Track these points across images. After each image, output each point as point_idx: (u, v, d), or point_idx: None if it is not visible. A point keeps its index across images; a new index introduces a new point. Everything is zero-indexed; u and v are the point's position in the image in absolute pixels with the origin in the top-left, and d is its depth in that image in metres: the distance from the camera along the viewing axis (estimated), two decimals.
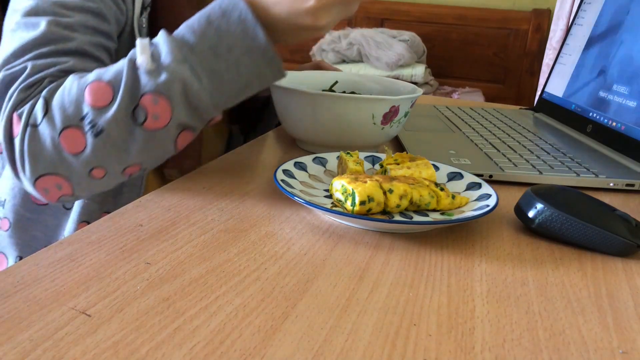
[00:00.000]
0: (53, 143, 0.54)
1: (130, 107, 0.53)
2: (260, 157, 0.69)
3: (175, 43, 0.53)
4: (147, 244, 0.43)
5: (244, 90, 0.56)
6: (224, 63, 0.54)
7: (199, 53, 0.53)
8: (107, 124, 0.53)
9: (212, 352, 0.31)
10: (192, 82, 0.53)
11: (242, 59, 0.54)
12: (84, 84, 0.54)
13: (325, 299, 0.37)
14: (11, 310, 0.34)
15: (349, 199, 0.49)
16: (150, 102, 0.53)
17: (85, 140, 0.54)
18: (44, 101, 0.55)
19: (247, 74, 0.55)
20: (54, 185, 0.57)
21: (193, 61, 0.53)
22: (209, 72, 0.54)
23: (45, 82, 0.56)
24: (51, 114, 0.54)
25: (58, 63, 0.58)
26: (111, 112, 0.53)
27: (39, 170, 0.56)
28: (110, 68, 0.55)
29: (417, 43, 2.75)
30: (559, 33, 2.46)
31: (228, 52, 0.53)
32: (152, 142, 0.55)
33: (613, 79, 0.84)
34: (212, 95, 0.55)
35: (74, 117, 0.54)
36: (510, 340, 0.34)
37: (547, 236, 0.49)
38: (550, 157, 0.72)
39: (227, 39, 0.53)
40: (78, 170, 0.56)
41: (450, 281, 0.41)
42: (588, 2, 1.01)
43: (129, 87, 0.53)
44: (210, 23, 0.53)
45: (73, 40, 0.59)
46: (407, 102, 0.67)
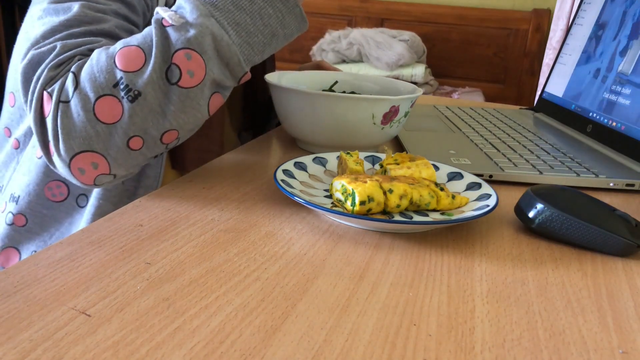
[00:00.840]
0: (87, 116, 0.52)
1: (164, 67, 0.53)
2: (260, 157, 0.69)
3: (197, 0, 0.53)
4: (147, 244, 0.43)
5: (270, 41, 0.57)
6: (248, 14, 0.54)
7: (222, 8, 0.54)
8: (143, 87, 0.52)
9: (212, 352, 0.31)
10: (222, 35, 0.53)
11: (265, 8, 0.55)
12: (113, 51, 0.53)
13: (325, 299, 0.37)
14: (11, 310, 0.34)
15: (349, 199, 0.49)
16: (183, 58, 0.53)
17: (121, 106, 0.52)
18: (73, 76, 0.53)
19: (271, 24, 0.56)
20: (89, 163, 0.55)
21: (218, 16, 0.53)
22: (235, 25, 0.54)
23: (75, 59, 0.55)
24: (82, 86, 0.53)
25: (89, 42, 0.57)
26: (147, 74, 0.52)
27: (75, 148, 0.53)
28: (135, 35, 0.55)
29: (417, 43, 2.75)
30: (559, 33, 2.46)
31: (250, 4, 0.54)
32: (188, 102, 0.54)
33: (613, 79, 0.84)
34: (241, 47, 0.55)
35: (107, 84, 0.52)
36: (510, 340, 0.34)
37: (547, 236, 0.49)
38: (550, 157, 0.72)
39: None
40: (115, 143, 0.54)
41: (450, 281, 0.41)
42: (588, 2, 1.01)
43: (160, 46, 0.52)
44: None
45: (105, 22, 0.59)
46: (407, 102, 0.67)
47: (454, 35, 2.98)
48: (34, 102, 0.54)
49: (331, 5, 3.10)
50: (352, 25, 3.00)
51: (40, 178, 0.70)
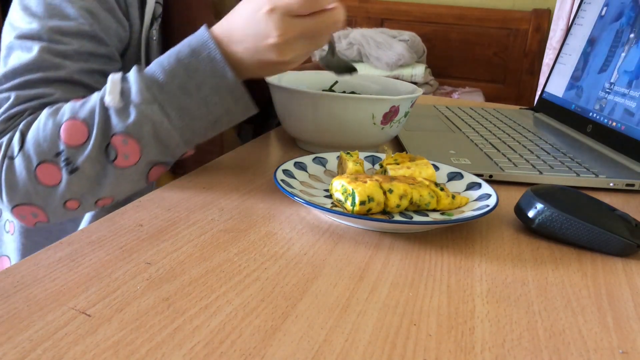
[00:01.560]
0: (29, 176, 0.56)
1: (103, 144, 0.55)
2: (260, 157, 0.69)
3: (144, 82, 0.54)
4: (147, 244, 0.43)
5: (213, 126, 0.58)
6: (193, 100, 0.55)
7: (168, 92, 0.55)
8: (82, 163, 0.56)
9: (212, 352, 0.31)
10: (162, 121, 0.55)
11: (211, 96, 0.55)
12: (60, 121, 0.56)
13: (325, 299, 0.37)
14: (11, 310, 0.34)
15: (349, 199, 0.49)
16: (120, 142, 0.55)
17: (60, 174, 0.56)
18: (20, 134, 0.57)
19: (216, 111, 0.56)
20: (30, 213, 0.59)
21: (162, 99, 0.55)
22: (179, 109, 0.55)
23: (25, 114, 0.58)
24: (26, 148, 0.56)
25: (42, 95, 0.59)
26: (86, 152, 0.55)
27: (16, 200, 0.58)
28: (85, 104, 0.56)
29: (417, 43, 2.75)
30: (559, 33, 2.46)
31: (197, 90, 0.55)
32: (123, 178, 0.57)
33: (613, 79, 0.84)
34: (182, 132, 0.56)
35: (49, 152, 0.56)
36: (510, 340, 0.34)
37: (547, 236, 0.49)
38: (550, 157, 0.72)
39: (196, 77, 0.54)
40: (53, 202, 0.58)
41: (450, 281, 0.41)
42: (588, 2, 1.01)
43: (101, 126, 0.55)
44: (179, 61, 0.55)
45: (63, 68, 0.60)
46: (407, 102, 0.67)
47: (454, 35, 2.98)
48: None
49: None
50: (352, 25, 3.00)
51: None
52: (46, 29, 0.60)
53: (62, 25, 0.60)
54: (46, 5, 0.61)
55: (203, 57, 0.54)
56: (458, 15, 2.95)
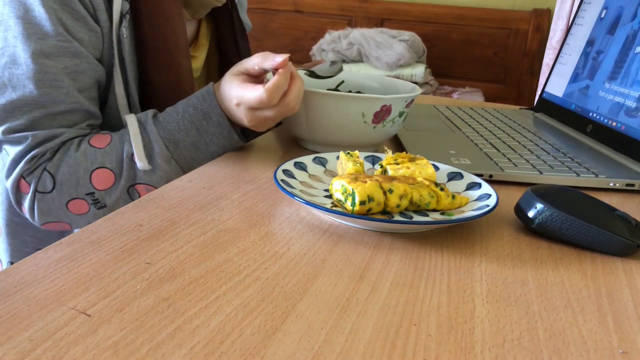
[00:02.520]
0: (61, 208, 0.66)
1: (126, 188, 0.66)
2: (260, 156, 0.69)
3: (164, 141, 0.65)
4: (147, 244, 0.43)
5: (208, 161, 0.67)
6: (203, 155, 0.67)
7: (183, 149, 0.66)
8: (111, 202, 0.66)
9: (212, 352, 0.31)
10: (178, 175, 0.65)
11: (217, 152, 0.67)
12: (90, 168, 0.65)
13: (325, 299, 0.37)
14: (11, 310, 0.33)
15: (349, 199, 0.49)
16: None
17: (88, 207, 0.66)
18: (51, 176, 0.65)
19: (216, 155, 0.68)
20: (58, 227, 0.69)
21: (178, 156, 0.66)
22: (191, 161, 0.67)
23: (47, 154, 0.65)
24: (60, 185, 0.65)
25: (55, 135, 0.65)
26: (113, 194, 0.66)
27: (47, 220, 0.67)
28: (110, 154, 0.65)
29: (417, 43, 2.75)
30: (559, 33, 2.46)
31: (206, 147, 0.67)
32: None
33: (613, 79, 0.84)
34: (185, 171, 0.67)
35: (81, 192, 0.65)
36: (510, 340, 0.34)
37: (547, 236, 0.49)
38: (550, 157, 0.72)
39: (206, 136, 0.66)
40: (80, 222, 0.68)
41: (450, 281, 0.41)
42: (588, 2, 1.01)
43: (128, 177, 0.65)
44: (192, 123, 0.65)
45: (61, 103, 0.64)
46: (399, 101, 0.66)
47: (454, 35, 2.98)
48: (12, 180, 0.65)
49: (331, 5, 3.10)
50: (352, 25, 2.99)
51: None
52: (30, 54, 0.62)
53: (43, 48, 0.62)
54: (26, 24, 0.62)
55: (213, 121, 0.65)
56: (458, 15, 2.95)
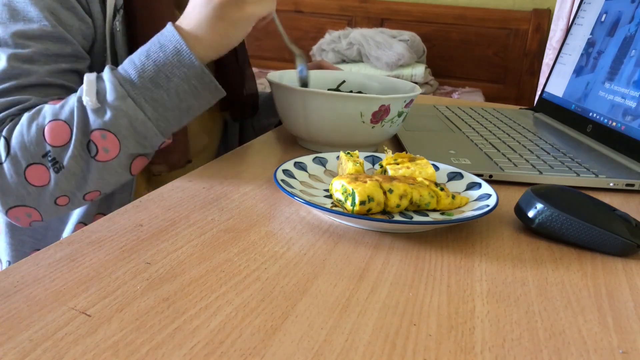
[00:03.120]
0: (19, 179, 0.59)
1: (84, 141, 0.58)
2: (260, 156, 0.69)
3: (118, 79, 0.58)
4: (147, 244, 0.43)
5: (186, 113, 0.61)
6: (165, 91, 0.59)
7: (140, 86, 0.58)
8: (67, 161, 0.58)
9: (212, 352, 0.31)
10: (137, 114, 0.58)
11: (181, 85, 0.59)
12: (42, 124, 0.58)
13: (325, 299, 0.37)
14: (11, 310, 0.34)
15: (349, 199, 0.49)
16: (99, 138, 0.58)
17: (48, 174, 0.59)
18: (5, 140, 0.59)
19: (187, 99, 0.60)
20: (24, 214, 0.62)
21: (135, 94, 0.58)
22: (152, 101, 0.59)
23: (6, 121, 0.60)
24: (13, 152, 0.58)
25: (19, 102, 0.61)
26: (69, 150, 0.58)
27: (9, 203, 0.61)
28: (65, 105, 0.59)
29: (417, 43, 2.75)
30: (559, 33, 2.46)
31: (167, 81, 0.59)
32: (106, 172, 0.60)
33: (613, 79, 0.84)
34: (157, 122, 0.60)
35: (37, 154, 0.58)
36: (510, 340, 0.34)
37: (547, 236, 0.49)
38: (550, 157, 0.72)
39: (164, 69, 0.58)
40: (44, 201, 0.61)
41: (450, 281, 0.41)
42: (588, 2, 1.01)
43: (80, 125, 0.58)
44: (149, 57, 0.59)
45: (33, 74, 0.62)
46: (398, 101, 0.66)
47: (454, 35, 2.98)
48: None
49: (331, 5, 3.10)
50: (352, 25, 3.00)
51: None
52: (10, 35, 0.61)
53: (26, 29, 0.62)
54: (10, 9, 0.62)
55: (170, 50, 0.58)
56: (458, 15, 2.95)
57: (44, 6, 0.62)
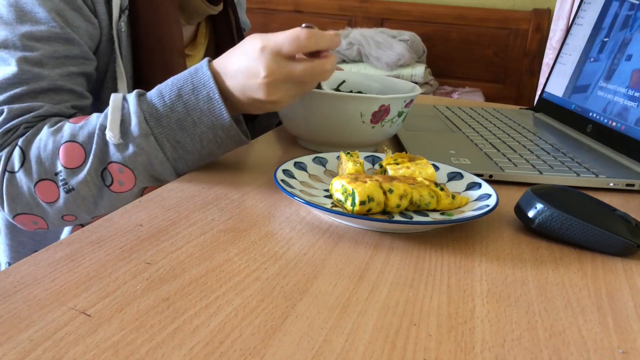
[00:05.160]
0: (29, 191, 0.59)
1: (99, 170, 0.58)
2: (260, 156, 0.69)
3: (144, 114, 0.56)
4: (147, 244, 0.43)
5: (205, 158, 0.61)
6: (189, 136, 0.57)
7: (166, 126, 0.57)
8: (78, 185, 0.58)
9: (212, 352, 0.31)
10: (157, 153, 0.57)
11: (206, 133, 0.58)
12: (59, 142, 0.58)
13: (325, 299, 0.37)
14: (11, 310, 0.33)
15: (349, 199, 0.49)
16: (116, 171, 0.58)
17: (58, 192, 0.59)
18: (21, 151, 0.59)
19: (209, 146, 0.59)
20: (30, 222, 0.62)
21: (159, 133, 0.57)
22: (174, 143, 0.57)
23: (21, 128, 0.60)
24: (28, 164, 0.59)
25: (32, 109, 0.60)
26: (82, 175, 0.58)
27: (17, 210, 0.61)
28: (84, 127, 0.58)
29: (417, 43, 2.75)
30: (559, 33, 2.46)
31: (193, 126, 0.57)
32: (118, 200, 0.60)
33: (613, 79, 0.84)
34: (175, 163, 0.59)
35: (49, 171, 0.59)
36: (510, 340, 0.34)
37: (547, 236, 0.49)
38: (550, 157, 0.72)
39: (193, 114, 0.57)
40: (52, 215, 0.61)
41: (450, 281, 0.41)
42: (588, 2, 1.01)
43: (98, 154, 0.57)
44: (180, 97, 0.57)
45: (43, 78, 0.61)
46: (398, 102, 0.66)
47: (454, 35, 2.98)
48: None
49: (331, 5, 3.10)
50: (352, 25, 2.99)
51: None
52: (19, 36, 0.61)
53: (34, 31, 0.61)
54: (17, 10, 0.61)
55: (202, 95, 0.56)
56: (458, 15, 2.95)
57: (51, 7, 0.62)
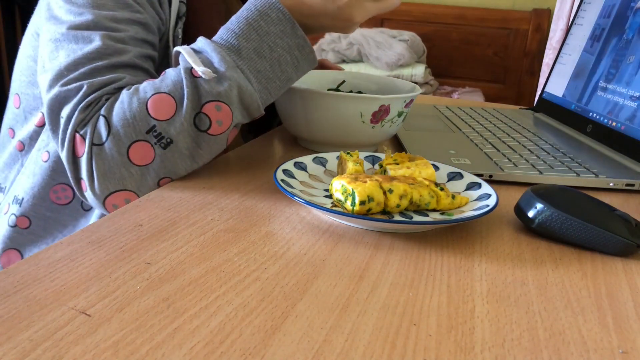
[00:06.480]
0: (122, 159, 0.56)
1: (192, 115, 0.56)
2: (260, 156, 0.69)
3: (224, 50, 0.56)
4: (147, 244, 0.43)
5: (285, 84, 0.61)
6: (268, 62, 0.58)
7: (246, 57, 0.57)
8: (175, 135, 0.56)
9: (212, 352, 0.31)
10: (246, 85, 0.57)
11: (283, 56, 0.58)
12: (145, 97, 0.56)
13: (325, 299, 0.37)
14: (11, 310, 0.34)
15: (349, 199, 0.49)
16: (213, 110, 0.56)
17: (154, 151, 0.56)
18: (105, 119, 0.56)
19: (287, 70, 0.60)
20: (123, 200, 0.58)
21: (242, 65, 0.57)
22: (256, 72, 0.58)
23: (102, 100, 0.58)
24: (115, 130, 0.56)
25: (113, 80, 0.59)
26: (178, 123, 0.56)
27: (110, 188, 0.57)
28: (165, 79, 0.57)
29: (417, 43, 2.75)
30: (559, 33, 2.46)
31: (270, 51, 0.58)
32: (215, 145, 0.58)
33: (613, 79, 0.84)
34: (261, 94, 0.59)
35: (141, 130, 0.55)
36: (510, 340, 0.34)
37: (547, 236, 0.49)
38: (550, 157, 0.72)
39: (267, 39, 0.57)
40: (147, 183, 0.57)
41: (450, 281, 0.41)
42: (588, 2, 1.01)
43: (191, 96, 0.55)
44: (250, 25, 0.57)
45: (126, 53, 0.61)
46: (398, 102, 0.66)
47: (454, 35, 2.98)
48: (67, 143, 0.57)
49: None
50: None
51: (46, 181, 0.70)
52: (102, 17, 0.60)
53: (116, 14, 0.61)
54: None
55: (272, 18, 0.57)
56: (458, 15, 2.95)
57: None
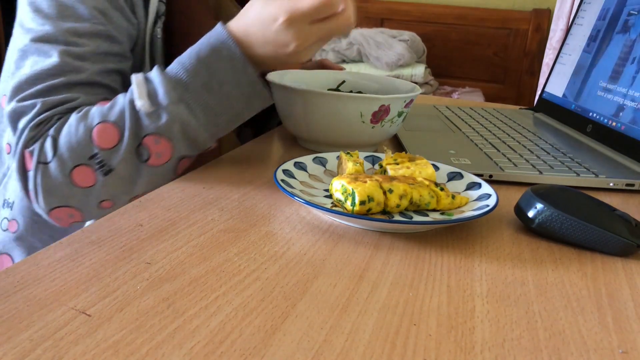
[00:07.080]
0: (64, 180, 0.58)
1: (135, 145, 0.58)
2: (260, 156, 0.69)
3: (170, 83, 0.57)
4: (147, 244, 0.43)
5: (235, 119, 0.61)
6: (216, 97, 0.58)
7: (193, 90, 0.57)
8: (117, 164, 0.58)
9: (212, 352, 0.31)
10: (190, 119, 0.58)
11: (233, 92, 0.59)
12: (91, 125, 0.58)
13: (325, 299, 0.37)
14: (11, 310, 0.33)
15: (349, 199, 0.49)
16: (152, 142, 0.58)
17: (95, 177, 0.58)
18: (52, 140, 0.58)
19: (237, 106, 0.60)
20: (66, 215, 0.61)
21: (188, 99, 0.57)
22: (203, 107, 0.58)
23: (54, 119, 0.60)
24: (60, 152, 0.58)
25: (67, 100, 0.60)
26: (120, 153, 0.58)
27: (53, 204, 0.60)
28: (113, 107, 0.58)
29: (417, 43, 2.75)
30: (559, 33, 2.46)
31: (219, 87, 0.58)
32: (156, 176, 0.60)
33: (613, 79, 0.84)
34: (208, 128, 0.59)
35: (84, 156, 0.58)
36: (510, 340, 0.34)
37: (547, 236, 0.49)
38: (550, 157, 0.72)
39: (218, 75, 0.57)
40: (89, 203, 0.60)
41: (450, 281, 0.41)
42: (588, 2, 1.01)
43: (133, 129, 0.57)
44: (200, 60, 0.57)
45: (83, 71, 0.61)
46: (398, 102, 0.66)
47: (454, 35, 2.98)
48: (17, 157, 0.60)
49: None
50: None
51: None
52: (62, 31, 0.61)
53: (77, 27, 0.61)
54: (59, 6, 0.61)
55: (224, 55, 0.57)
56: (458, 15, 2.96)
57: (93, 5, 0.62)
